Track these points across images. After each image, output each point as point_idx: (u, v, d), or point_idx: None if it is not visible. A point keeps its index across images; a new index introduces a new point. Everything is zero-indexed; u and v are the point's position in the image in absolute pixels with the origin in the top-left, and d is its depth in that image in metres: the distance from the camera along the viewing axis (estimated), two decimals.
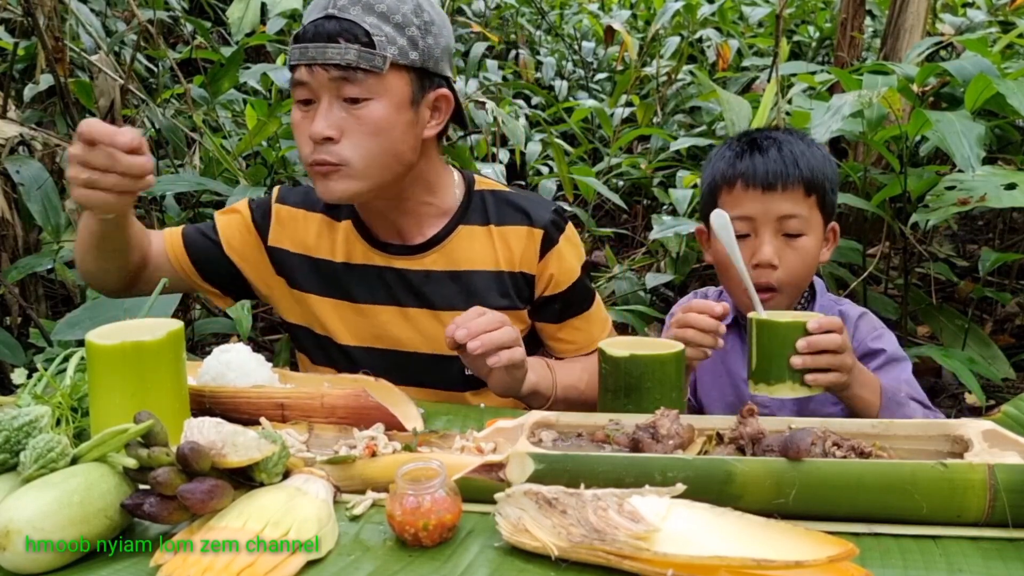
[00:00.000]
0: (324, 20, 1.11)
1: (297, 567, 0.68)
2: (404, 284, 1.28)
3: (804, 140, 1.28)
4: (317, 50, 1.10)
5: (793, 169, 1.21)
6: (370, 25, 1.10)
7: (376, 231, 1.29)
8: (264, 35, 3.28)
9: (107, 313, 1.76)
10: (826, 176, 1.24)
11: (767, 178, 1.21)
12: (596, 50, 5.31)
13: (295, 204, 1.33)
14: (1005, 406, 1.04)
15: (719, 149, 1.32)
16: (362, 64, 1.10)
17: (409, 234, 1.28)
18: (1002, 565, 0.69)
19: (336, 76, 1.10)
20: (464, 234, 1.29)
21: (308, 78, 1.12)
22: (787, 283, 1.22)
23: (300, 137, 1.16)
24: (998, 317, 2.94)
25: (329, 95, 1.12)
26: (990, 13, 4.03)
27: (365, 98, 1.12)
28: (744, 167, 1.23)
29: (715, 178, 1.28)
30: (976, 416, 0.95)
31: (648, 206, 3.82)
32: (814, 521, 0.74)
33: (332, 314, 1.30)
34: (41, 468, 0.71)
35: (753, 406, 0.87)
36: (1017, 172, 2.01)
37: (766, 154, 1.23)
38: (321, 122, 1.12)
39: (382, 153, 1.15)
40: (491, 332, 1.04)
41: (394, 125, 1.15)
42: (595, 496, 0.70)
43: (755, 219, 1.21)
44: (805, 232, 1.22)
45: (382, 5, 1.11)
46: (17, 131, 2.22)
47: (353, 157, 1.13)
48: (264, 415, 0.96)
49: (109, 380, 0.86)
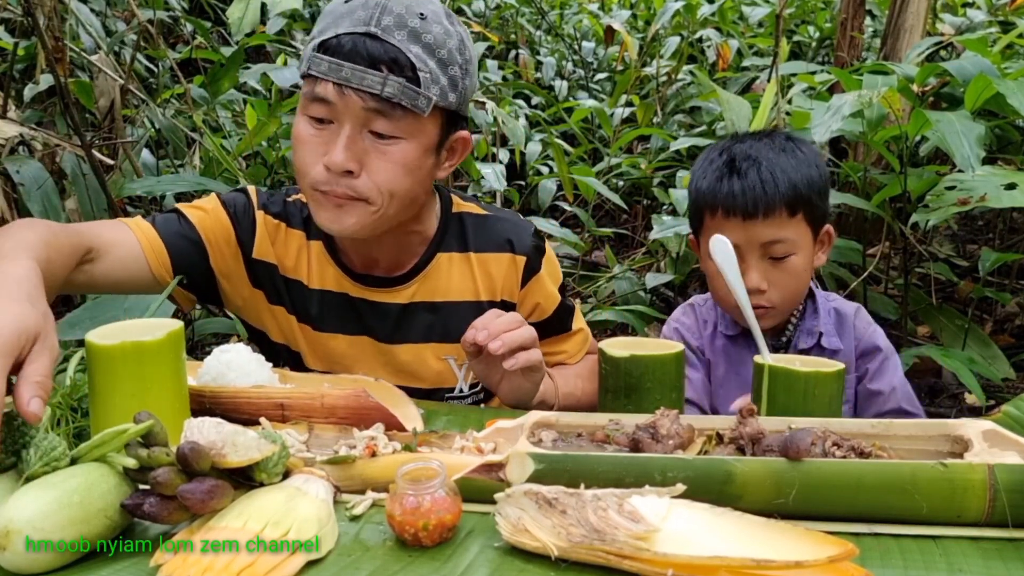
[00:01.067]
0: (364, 38, 0.99)
1: (297, 567, 0.68)
2: (379, 316, 1.21)
3: (786, 149, 1.22)
4: (353, 72, 0.98)
5: (773, 193, 1.17)
6: (415, 56, 1.00)
7: (350, 259, 1.21)
8: (264, 35, 3.28)
9: (107, 313, 1.76)
10: (812, 187, 1.20)
11: (747, 207, 1.18)
12: (596, 50, 5.31)
13: (276, 216, 1.22)
14: (1005, 406, 1.04)
15: (703, 159, 1.28)
16: (403, 101, 1.00)
17: (386, 264, 1.21)
18: (1002, 565, 0.69)
19: (372, 107, 1.00)
20: (443, 262, 1.22)
21: (335, 99, 1.00)
22: (779, 302, 1.22)
23: (308, 156, 1.05)
24: (998, 317, 2.94)
25: (355, 123, 1.01)
26: (990, 13, 4.03)
27: (396, 136, 1.03)
28: (724, 195, 1.20)
29: (698, 198, 1.26)
30: (976, 416, 0.95)
31: (648, 206, 3.83)
32: (814, 521, 0.74)
33: (299, 336, 1.23)
34: (45, 466, 0.72)
35: (753, 406, 0.87)
36: (1017, 172, 2.01)
37: (745, 178, 1.19)
38: (343, 153, 1.01)
39: (403, 195, 1.07)
40: (511, 332, 0.99)
41: (420, 167, 1.06)
42: (595, 496, 0.70)
43: (740, 246, 1.17)
44: (793, 252, 1.20)
45: (429, 36, 1.01)
46: (17, 131, 2.22)
47: (372, 195, 1.04)
48: (264, 415, 0.96)
49: (109, 380, 0.86)
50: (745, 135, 1.31)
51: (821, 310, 1.29)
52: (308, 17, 4.19)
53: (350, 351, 1.23)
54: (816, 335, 1.27)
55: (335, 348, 1.23)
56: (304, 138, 1.05)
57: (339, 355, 1.23)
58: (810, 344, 1.27)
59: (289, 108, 2.89)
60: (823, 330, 1.27)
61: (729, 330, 1.31)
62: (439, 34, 1.02)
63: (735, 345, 1.31)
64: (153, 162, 3.06)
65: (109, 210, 2.46)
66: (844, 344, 1.27)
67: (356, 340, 1.22)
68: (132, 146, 2.74)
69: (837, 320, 1.29)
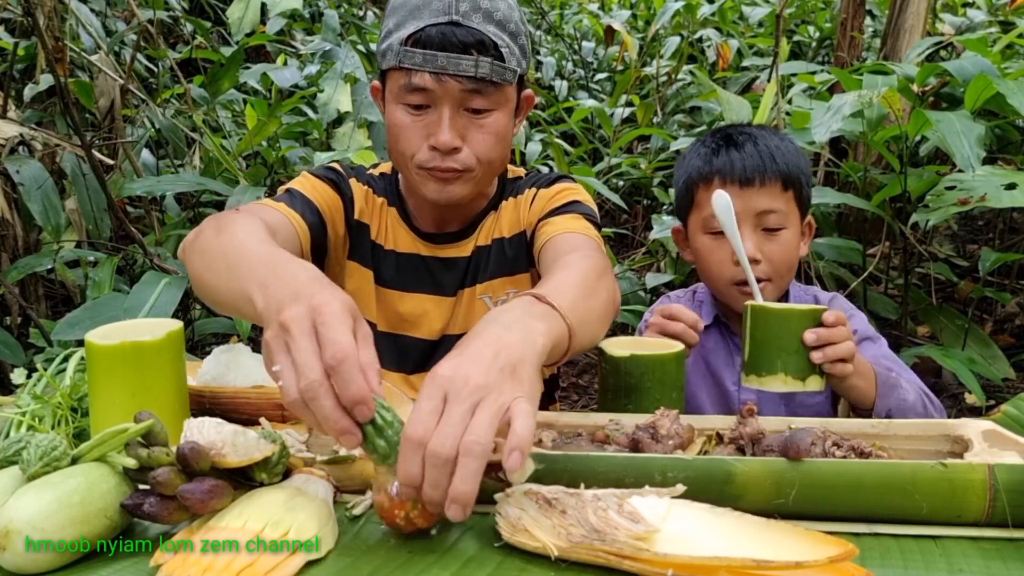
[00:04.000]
0: (450, 27, 1.08)
1: (297, 567, 0.68)
2: (447, 269, 1.29)
3: (777, 135, 1.28)
4: (449, 60, 1.08)
5: (770, 164, 1.21)
6: (494, 35, 1.10)
7: (422, 222, 1.30)
8: (264, 35, 3.28)
9: (107, 313, 1.76)
10: (801, 171, 1.25)
11: (745, 173, 1.21)
12: (596, 50, 5.32)
13: (365, 183, 1.31)
14: (1005, 406, 1.04)
15: (693, 146, 1.32)
16: (494, 78, 1.10)
17: (450, 223, 1.29)
18: (1002, 565, 0.69)
19: (468, 88, 1.10)
20: (501, 209, 1.31)
21: (434, 86, 1.09)
22: (772, 274, 1.24)
23: (411, 139, 1.15)
24: (998, 317, 2.94)
25: (453, 104, 1.11)
26: (990, 13, 4.03)
27: (489, 109, 1.13)
28: (721, 163, 1.23)
29: (691, 175, 1.28)
30: (976, 416, 0.95)
31: (648, 206, 3.83)
32: (814, 521, 0.74)
33: (373, 299, 1.30)
34: (46, 466, 0.72)
35: (753, 406, 0.88)
36: (1017, 172, 2.01)
37: (742, 149, 1.23)
38: (449, 133, 1.11)
39: (498, 159, 1.18)
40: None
41: (508, 132, 1.18)
42: (595, 496, 0.70)
43: (736, 214, 1.19)
44: (785, 225, 1.23)
45: (499, 13, 1.11)
46: (17, 131, 2.22)
47: (474, 164, 1.15)
48: (264, 415, 0.96)
49: (109, 380, 0.86)
50: (732, 125, 1.35)
51: (798, 299, 1.32)
52: (308, 17, 4.19)
53: (417, 309, 1.29)
54: None
55: (404, 307, 1.29)
56: (405, 124, 1.15)
57: (407, 313, 1.29)
58: None
59: (289, 108, 2.89)
60: None
61: (704, 319, 1.32)
62: (505, 10, 1.13)
63: (707, 336, 1.32)
64: (153, 162, 3.07)
65: (109, 210, 2.46)
66: None
67: (425, 298, 1.29)
68: (132, 146, 2.74)
69: None
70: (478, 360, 0.70)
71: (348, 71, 2.87)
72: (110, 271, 2.07)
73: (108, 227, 2.56)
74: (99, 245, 2.51)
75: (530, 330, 0.78)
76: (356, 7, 4.43)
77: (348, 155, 2.35)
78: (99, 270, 2.08)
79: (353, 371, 0.68)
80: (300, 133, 3.07)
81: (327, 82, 2.82)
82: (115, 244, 2.59)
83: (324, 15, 3.59)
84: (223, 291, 0.89)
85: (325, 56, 3.06)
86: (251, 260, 0.85)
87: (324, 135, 2.89)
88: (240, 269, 0.85)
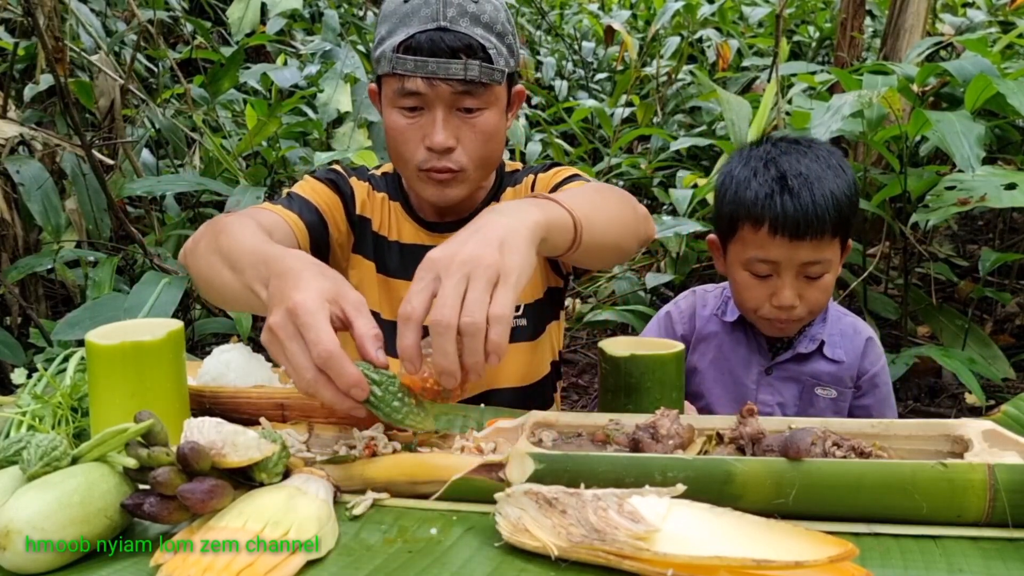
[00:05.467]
0: (439, 33, 1.12)
1: (297, 567, 0.68)
2: None
3: (832, 168, 1.19)
4: (439, 65, 1.11)
5: (824, 217, 1.15)
6: (481, 37, 1.13)
7: (425, 213, 1.33)
8: (264, 35, 3.28)
9: (107, 313, 1.77)
10: (852, 207, 1.19)
11: (797, 229, 1.15)
12: (596, 50, 5.32)
13: (366, 180, 1.34)
14: (1005, 406, 1.04)
15: (741, 165, 1.24)
16: (483, 79, 1.13)
17: (450, 214, 1.32)
18: (1002, 565, 0.69)
19: (459, 90, 1.13)
20: (495, 203, 1.32)
21: (426, 90, 1.13)
22: (805, 316, 1.23)
23: (408, 143, 1.18)
24: (998, 317, 2.94)
25: (445, 106, 1.15)
26: (990, 13, 4.03)
27: (480, 108, 1.16)
28: (775, 212, 1.16)
29: (738, 208, 1.21)
30: (976, 416, 0.95)
31: (648, 206, 3.82)
32: (814, 521, 0.74)
33: (378, 289, 1.32)
34: (46, 466, 0.72)
35: (753, 406, 0.88)
36: (1017, 172, 2.01)
37: (797, 199, 1.15)
38: (443, 134, 1.15)
39: (491, 157, 1.21)
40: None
41: (500, 130, 1.21)
42: (595, 496, 0.70)
43: (779, 263, 1.18)
44: (827, 271, 1.20)
45: (485, 15, 1.15)
46: (17, 131, 2.22)
47: (468, 164, 1.18)
48: (264, 415, 0.96)
49: (109, 380, 0.86)
50: (782, 141, 1.26)
51: (830, 320, 1.31)
52: (308, 17, 4.20)
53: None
54: (818, 342, 1.29)
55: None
56: (401, 128, 1.18)
57: None
58: (811, 349, 1.29)
59: (289, 108, 2.89)
60: (826, 339, 1.29)
61: (728, 316, 1.33)
62: (491, 12, 1.16)
63: (730, 333, 1.33)
64: (153, 162, 3.07)
65: (109, 210, 2.46)
66: (848, 359, 1.30)
67: None
68: (132, 146, 2.74)
69: (852, 335, 1.31)
70: (466, 240, 0.79)
71: (348, 71, 2.88)
72: (110, 271, 2.07)
73: (108, 227, 2.56)
74: (99, 245, 2.51)
75: (523, 211, 0.85)
76: (356, 7, 4.43)
77: (348, 155, 2.35)
78: (99, 270, 2.08)
79: (339, 364, 0.75)
80: (300, 133, 3.07)
81: (327, 82, 2.82)
82: (115, 244, 2.59)
83: (324, 15, 3.59)
84: (229, 290, 0.96)
85: (325, 56, 3.07)
86: (250, 256, 0.92)
87: (324, 135, 2.89)
88: (241, 266, 0.92)
